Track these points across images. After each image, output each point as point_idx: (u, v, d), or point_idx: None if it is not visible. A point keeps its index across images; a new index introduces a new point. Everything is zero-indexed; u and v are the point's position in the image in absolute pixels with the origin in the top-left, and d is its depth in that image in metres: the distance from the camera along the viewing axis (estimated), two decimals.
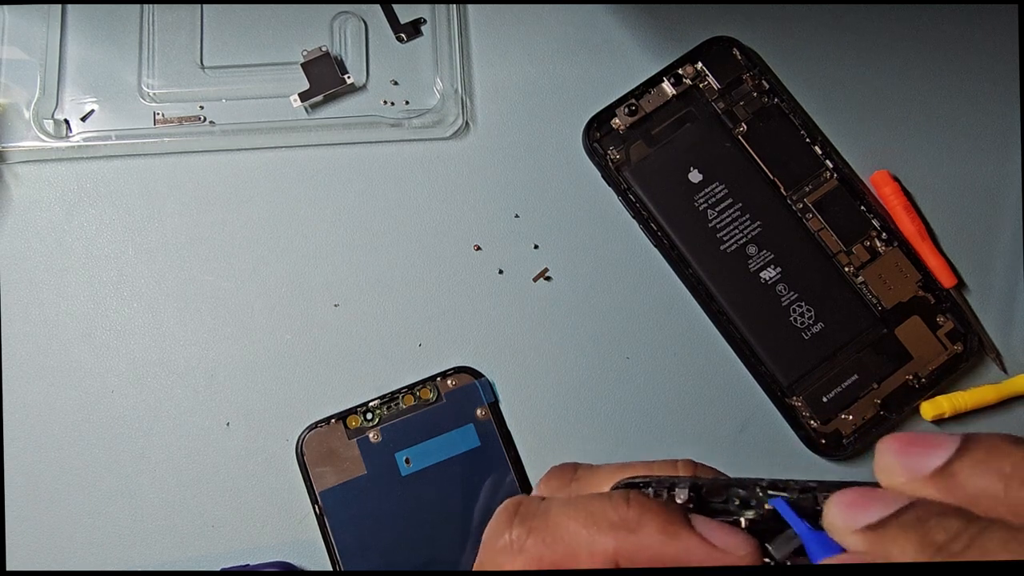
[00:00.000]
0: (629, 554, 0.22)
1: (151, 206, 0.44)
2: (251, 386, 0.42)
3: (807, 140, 0.44)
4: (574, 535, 0.22)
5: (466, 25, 0.47)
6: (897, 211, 0.44)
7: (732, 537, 0.21)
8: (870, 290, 0.43)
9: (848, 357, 0.42)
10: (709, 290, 0.42)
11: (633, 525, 0.22)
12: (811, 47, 0.47)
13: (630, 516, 0.22)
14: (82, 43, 0.46)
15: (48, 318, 0.43)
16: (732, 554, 0.21)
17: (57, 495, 0.41)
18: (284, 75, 0.46)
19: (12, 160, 0.45)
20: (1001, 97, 0.46)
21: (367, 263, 0.44)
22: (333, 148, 0.45)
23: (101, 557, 0.40)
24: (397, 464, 0.40)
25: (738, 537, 0.22)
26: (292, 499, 0.41)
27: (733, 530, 0.22)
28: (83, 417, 0.42)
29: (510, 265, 0.44)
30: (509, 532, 0.23)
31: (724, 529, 0.22)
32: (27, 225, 0.44)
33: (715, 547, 0.21)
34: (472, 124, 0.46)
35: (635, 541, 0.21)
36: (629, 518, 0.22)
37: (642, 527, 0.22)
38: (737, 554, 0.21)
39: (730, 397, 0.42)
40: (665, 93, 0.45)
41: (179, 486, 0.41)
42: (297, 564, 0.40)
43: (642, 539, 0.21)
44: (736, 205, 0.43)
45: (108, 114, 0.45)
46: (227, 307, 0.43)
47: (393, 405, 0.41)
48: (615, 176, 0.44)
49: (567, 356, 0.43)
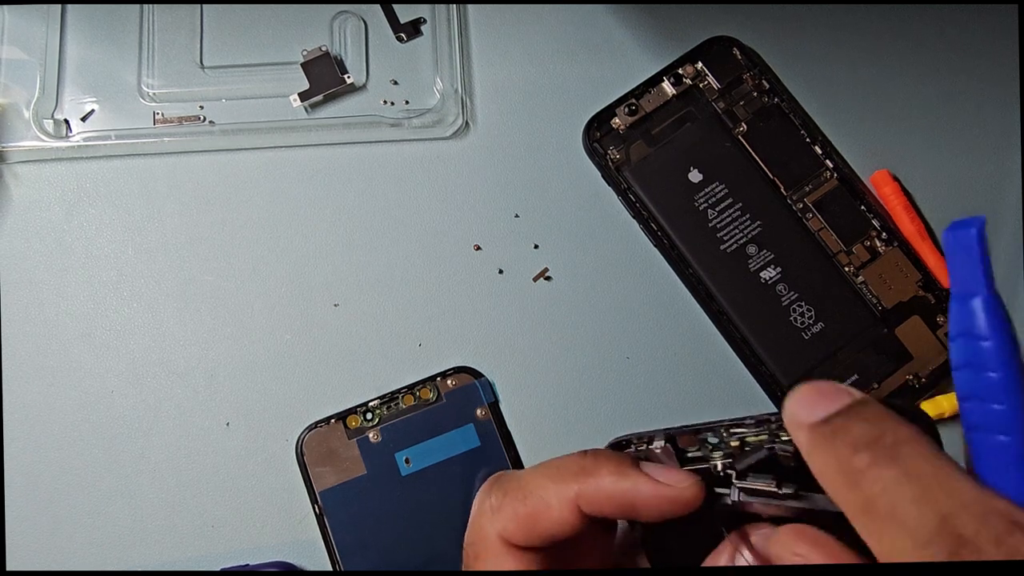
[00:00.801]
0: (589, 495, 0.25)
1: (151, 206, 0.44)
2: (251, 386, 0.42)
3: (807, 140, 0.44)
4: (542, 487, 0.26)
5: (466, 25, 0.47)
6: (897, 211, 0.44)
7: (676, 474, 0.25)
8: (870, 290, 0.43)
9: (848, 357, 0.42)
10: (709, 290, 0.42)
11: (591, 470, 0.25)
12: (811, 47, 0.47)
13: (587, 463, 0.26)
14: (82, 43, 0.46)
15: (48, 318, 0.43)
16: (675, 487, 0.25)
17: (57, 495, 0.41)
18: (284, 75, 0.46)
19: (12, 160, 0.45)
20: (1001, 97, 0.46)
21: (367, 263, 0.44)
22: (333, 148, 0.45)
23: (101, 557, 0.40)
24: (397, 464, 0.40)
25: (681, 474, 0.25)
26: (292, 499, 0.41)
27: (678, 469, 0.25)
28: (83, 417, 0.42)
29: (510, 265, 0.44)
30: (489, 498, 0.27)
31: (669, 469, 0.25)
32: (27, 225, 0.44)
33: (660, 482, 0.25)
34: (472, 124, 0.46)
35: (593, 483, 0.25)
36: (586, 465, 0.26)
37: (598, 470, 0.25)
38: (680, 486, 0.25)
39: (730, 397, 0.42)
40: (665, 93, 0.45)
41: (179, 486, 0.41)
42: (297, 564, 0.40)
43: (599, 481, 0.25)
44: (736, 205, 0.43)
45: (108, 114, 0.45)
46: (227, 307, 0.43)
47: (393, 405, 0.41)
48: (615, 176, 0.44)
49: (567, 356, 0.43)
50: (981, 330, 0.18)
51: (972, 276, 0.18)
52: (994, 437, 0.18)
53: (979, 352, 0.18)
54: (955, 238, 0.18)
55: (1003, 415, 0.18)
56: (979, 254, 0.17)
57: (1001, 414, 0.18)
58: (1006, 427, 0.17)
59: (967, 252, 0.18)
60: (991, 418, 0.18)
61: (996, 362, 0.18)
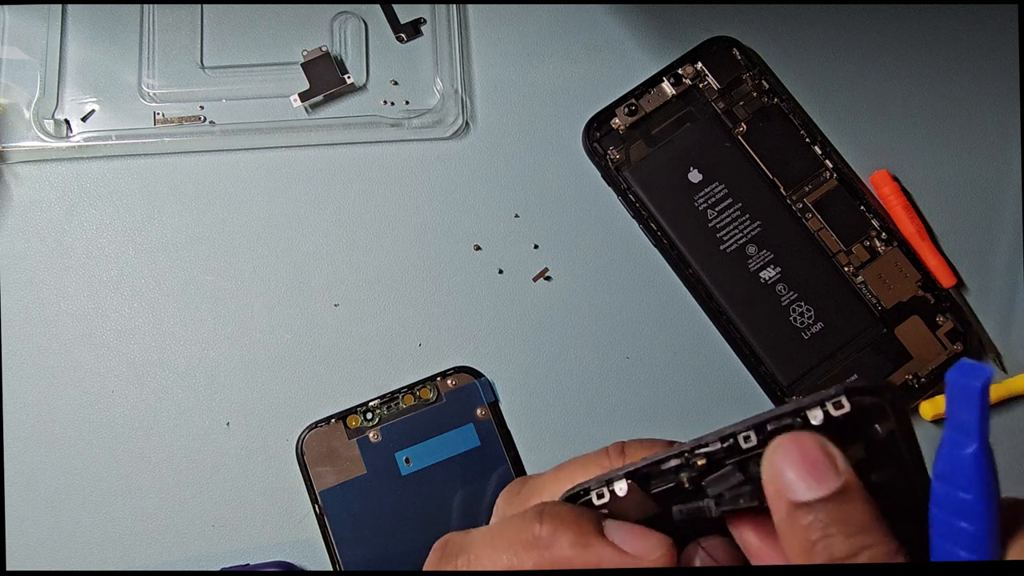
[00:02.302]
0: (546, 568, 0.22)
1: (151, 206, 0.44)
2: (251, 386, 0.42)
3: (807, 140, 0.45)
4: (496, 562, 0.23)
5: (466, 25, 0.47)
6: (897, 211, 0.44)
7: (644, 540, 0.22)
8: (870, 290, 0.43)
9: (848, 357, 0.42)
10: (709, 290, 0.42)
11: (547, 542, 0.22)
12: (811, 47, 0.47)
13: (543, 534, 0.23)
14: (82, 43, 0.46)
15: (48, 318, 0.43)
16: (644, 558, 0.22)
17: (57, 495, 0.41)
18: (284, 75, 0.46)
19: (12, 160, 0.45)
20: (1001, 97, 0.46)
21: (367, 263, 0.44)
22: (333, 148, 0.45)
23: (101, 557, 0.40)
24: (397, 464, 0.40)
25: (650, 540, 0.22)
26: (292, 499, 0.41)
27: (645, 533, 0.23)
28: (83, 417, 0.42)
29: (510, 265, 0.44)
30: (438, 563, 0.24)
31: (636, 533, 0.23)
32: (27, 225, 0.44)
33: (626, 553, 0.22)
34: (472, 124, 0.46)
35: (551, 557, 0.22)
36: (542, 536, 0.23)
37: (555, 542, 0.22)
38: (649, 557, 0.22)
39: (730, 397, 0.42)
40: (665, 93, 0.45)
41: (179, 486, 0.41)
42: (297, 564, 0.40)
43: (556, 554, 0.22)
44: (736, 205, 0.43)
45: (108, 114, 0.45)
46: (227, 307, 0.43)
47: (393, 405, 0.41)
48: (615, 176, 0.44)
49: (567, 356, 0.43)
50: (964, 484, 0.19)
51: (968, 424, 0.18)
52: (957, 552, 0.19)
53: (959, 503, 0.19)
54: (959, 385, 0.18)
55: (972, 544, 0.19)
56: (979, 407, 0.18)
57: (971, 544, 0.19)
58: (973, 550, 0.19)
59: (968, 400, 0.18)
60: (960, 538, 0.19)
61: (973, 518, 0.19)
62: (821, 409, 0.19)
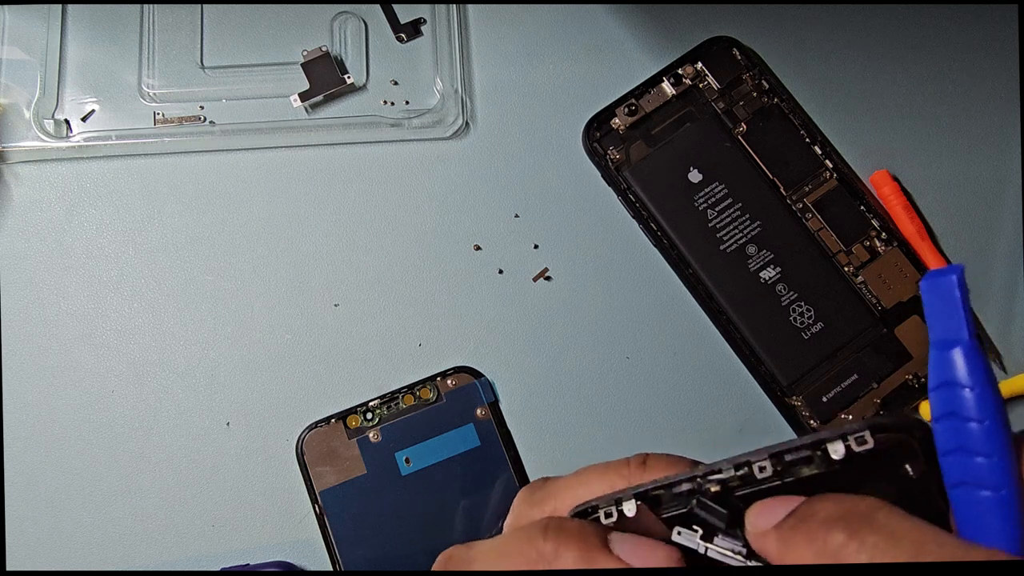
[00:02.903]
0: None
1: (151, 206, 0.44)
2: (251, 386, 0.42)
3: (807, 140, 0.45)
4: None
5: (466, 25, 0.47)
6: (897, 211, 0.44)
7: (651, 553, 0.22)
8: (870, 290, 0.43)
9: (848, 357, 0.42)
10: (709, 290, 0.42)
11: (550, 558, 0.22)
12: (811, 47, 0.47)
13: (547, 550, 0.22)
14: (82, 43, 0.46)
15: (48, 318, 0.43)
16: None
17: (57, 495, 0.41)
18: (284, 75, 0.46)
19: (12, 160, 0.45)
20: (1001, 97, 0.46)
21: (367, 263, 0.44)
22: (333, 148, 0.45)
23: (101, 557, 0.40)
24: (397, 464, 0.40)
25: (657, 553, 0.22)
26: (292, 499, 0.41)
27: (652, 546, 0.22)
28: (83, 417, 0.42)
29: (510, 265, 0.44)
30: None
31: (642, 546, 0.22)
32: (27, 225, 0.44)
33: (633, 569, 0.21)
34: (472, 124, 0.46)
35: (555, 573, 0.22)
36: (546, 552, 0.22)
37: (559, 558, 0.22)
38: None
39: (730, 397, 0.42)
40: (665, 93, 0.45)
41: (179, 486, 0.41)
42: (297, 564, 0.40)
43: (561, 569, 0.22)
44: (736, 205, 0.43)
45: (108, 114, 0.45)
46: (227, 307, 0.43)
47: (393, 405, 0.41)
48: (615, 176, 0.44)
49: (567, 356, 0.43)
50: (963, 379, 0.17)
51: (952, 324, 0.17)
52: (977, 492, 0.17)
53: (962, 401, 0.17)
54: (933, 285, 0.17)
55: (986, 468, 0.17)
56: (959, 301, 0.17)
57: (984, 467, 0.17)
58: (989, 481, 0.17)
59: (946, 300, 0.17)
60: (974, 472, 0.17)
61: (980, 411, 0.17)
62: (843, 443, 0.18)
